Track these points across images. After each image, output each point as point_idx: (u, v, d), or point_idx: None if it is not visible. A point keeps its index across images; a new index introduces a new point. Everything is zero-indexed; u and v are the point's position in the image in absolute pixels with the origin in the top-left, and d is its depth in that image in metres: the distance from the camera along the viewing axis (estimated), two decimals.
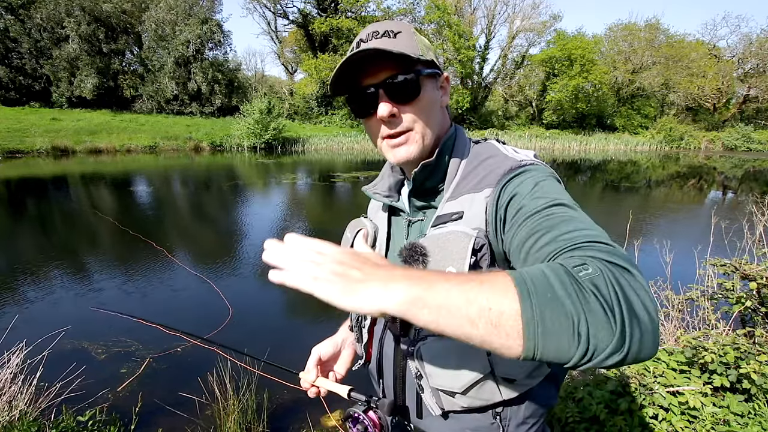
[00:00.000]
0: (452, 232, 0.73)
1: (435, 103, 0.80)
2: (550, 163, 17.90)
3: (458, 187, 0.79)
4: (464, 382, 0.76)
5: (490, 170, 0.76)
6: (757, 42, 35.96)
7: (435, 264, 0.72)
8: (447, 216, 0.77)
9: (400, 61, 0.73)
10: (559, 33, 35.88)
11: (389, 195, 0.92)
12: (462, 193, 0.78)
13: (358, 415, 0.79)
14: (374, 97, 0.76)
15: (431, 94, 0.79)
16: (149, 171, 16.84)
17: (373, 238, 0.94)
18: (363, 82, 0.77)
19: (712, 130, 34.23)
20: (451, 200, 0.79)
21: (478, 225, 0.73)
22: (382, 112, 0.75)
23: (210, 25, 30.30)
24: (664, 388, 1.97)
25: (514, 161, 0.76)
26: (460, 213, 0.75)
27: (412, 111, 0.77)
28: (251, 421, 2.62)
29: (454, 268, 0.69)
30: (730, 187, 14.54)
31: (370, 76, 0.76)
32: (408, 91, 0.75)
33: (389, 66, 0.74)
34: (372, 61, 0.74)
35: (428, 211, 0.85)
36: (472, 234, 0.71)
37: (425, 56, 0.76)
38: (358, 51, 0.72)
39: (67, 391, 2.62)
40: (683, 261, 3.65)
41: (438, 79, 0.82)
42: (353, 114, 0.82)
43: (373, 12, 33.06)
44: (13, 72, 27.74)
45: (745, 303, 2.68)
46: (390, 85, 0.75)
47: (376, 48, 0.71)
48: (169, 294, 4.94)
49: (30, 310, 4.43)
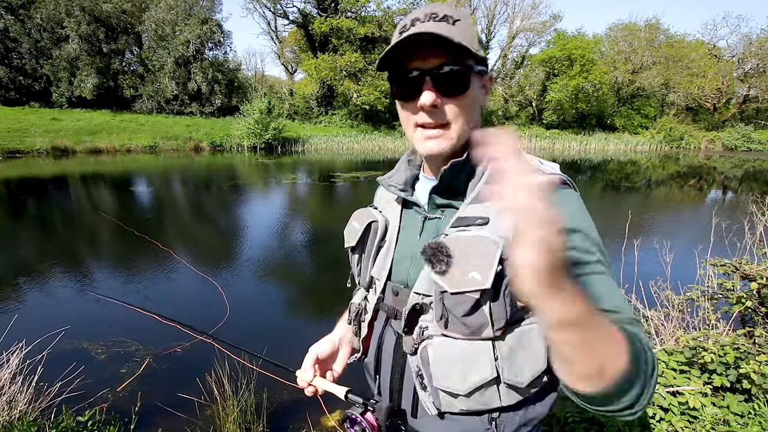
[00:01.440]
0: (479, 237, 0.71)
1: (477, 102, 0.78)
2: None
3: (483, 191, 0.78)
4: (469, 384, 0.75)
5: None
6: (757, 42, 35.95)
7: (457, 266, 0.71)
8: (470, 219, 0.75)
9: (455, 51, 0.69)
10: (559, 33, 35.90)
11: (404, 189, 0.90)
12: (488, 198, 0.74)
13: (356, 417, 0.79)
14: (419, 82, 0.72)
15: (476, 92, 0.76)
16: (149, 171, 16.84)
17: (383, 230, 0.93)
18: (410, 65, 0.73)
19: (712, 130, 34.23)
20: (475, 203, 0.77)
21: (505, 234, 0.71)
22: (425, 100, 0.72)
23: (210, 25, 30.29)
24: (663, 388, 1.97)
25: (543, 175, 0.75)
26: (486, 219, 0.73)
27: (454, 105, 0.74)
28: (251, 421, 2.62)
29: (479, 274, 0.69)
30: (730, 187, 14.54)
31: (419, 59, 0.72)
32: (456, 85, 0.72)
33: (442, 54, 0.70)
34: (425, 44, 0.69)
35: (447, 210, 0.83)
36: (499, 242, 0.69)
37: (479, 52, 0.73)
38: (415, 33, 0.67)
39: (66, 391, 2.62)
40: (683, 261, 3.65)
41: (484, 77, 0.79)
42: (393, 95, 0.79)
43: (373, 12, 33.07)
44: (13, 72, 27.73)
45: (745, 303, 2.68)
46: (439, 75, 0.71)
47: (436, 33, 0.67)
48: (169, 292, 4.95)
49: (30, 309, 4.42)
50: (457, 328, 0.74)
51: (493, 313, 0.71)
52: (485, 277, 0.68)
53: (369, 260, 0.94)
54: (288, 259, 6.41)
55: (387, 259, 0.90)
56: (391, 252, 0.90)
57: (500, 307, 0.71)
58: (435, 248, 0.72)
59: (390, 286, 0.89)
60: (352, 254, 0.99)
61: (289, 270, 5.92)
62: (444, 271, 0.71)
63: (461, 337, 0.75)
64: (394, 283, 0.88)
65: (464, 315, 0.72)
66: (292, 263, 6.29)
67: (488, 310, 0.71)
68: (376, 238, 0.93)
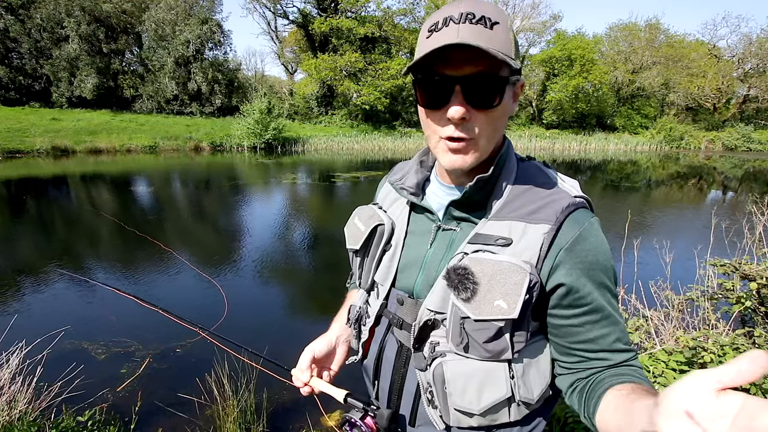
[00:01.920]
0: (505, 263, 0.68)
1: (507, 114, 0.72)
2: (551, 163, 17.89)
3: (504, 208, 0.74)
4: (484, 404, 0.74)
5: (546, 202, 0.73)
6: (757, 42, 35.94)
7: (483, 293, 0.68)
8: (490, 237, 0.72)
9: (492, 59, 0.64)
10: (559, 33, 35.89)
11: (416, 192, 0.85)
12: (509, 218, 0.73)
13: (355, 420, 0.79)
14: (449, 90, 0.66)
15: (508, 104, 0.71)
16: (150, 171, 16.83)
17: (389, 233, 0.88)
18: (440, 69, 0.66)
19: (712, 130, 34.21)
20: (496, 220, 0.74)
21: (530, 259, 0.69)
22: (454, 113, 0.66)
23: (210, 25, 30.27)
24: (663, 389, 1.96)
25: (568, 196, 0.73)
26: (508, 240, 0.70)
27: (484, 119, 0.69)
28: (251, 421, 2.62)
29: (505, 303, 0.67)
30: (730, 187, 14.53)
31: (451, 65, 0.66)
32: (489, 98, 0.67)
33: (477, 61, 0.64)
34: (459, 47, 0.63)
35: (464, 223, 0.79)
36: (527, 269, 0.67)
37: (516, 61, 0.67)
38: (449, 44, 0.62)
39: (66, 391, 2.62)
40: (683, 261, 3.65)
41: (516, 85, 0.72)
42: (417, 100, 0.72)
43: (374, 12, 33.06)
44: (13, 72, 27.72)
45: (744, 303, 2.68)
46: (472, 86, 0.66)
47: (474, 45, 0.61)
48: (168, 290, 4.94)
49: (30, 309, 4.42)
50: (477, 353, 0.72)
51: (515, 339, 0.70)
52: (512, 307, 0.66)
53: (372, 263, 0.90)
54: (288, 259, 6.41)
55: (392, 264, 0.86)
56: (397, 257, 0.86)
57: (523, 334, 0.70)
58: (462, 275, 0.69)
59: (394, 294, 0.86)
60: (354, 256, 0.95)
61: (288, 269, 5.91)
62: (469, 299, 0.69)
63: (478, 359, 0.73)
64: (398, 290, 0.86)
65: (485, 342, 0.70)
66: (292, 263, 6.29)
67: (510, 336, 0.70)
68: (382, 241, 0.88)
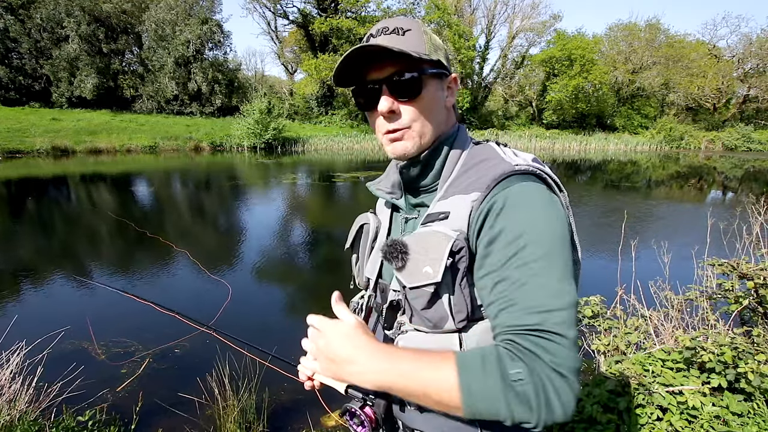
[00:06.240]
0: (434, 232, 0.75)
1: (437, 103, 0.81)
2: (551, 163, 17.87)
3: (450, 186, 0.81)
4: None
5: (483, 173, 0.76)
6: (757, 42, 35.95)
7: (414, 261, 0.74)
8: (435, 215, 0.78)
9: (404, 59, 0.75)
10: (559, 33, 35.88)
11: (392, 192, 0.93)
12: (453, 193, 0.79)
13: (355, 410, 0.81)
14: (377, 91, 0.78)
15: (434, 93, 0.80)
16: (150, 171, 16.84)
17: (374, 233, 0.98)
18: (368, 77, 0.79)
19: (712, 130, 34.21)
20: (442, 199, 0.80)
21: (460, 227, 0.73)
22: (382, 107, 0.77)
23: (210, 25, 30.29)
24: (663, 388, 1.97)
25: (508, 165, 0.75)
26: (447, 213, 0.76)
27: (412, 109, 0.78)
28: (251, 420, 2.62)
29: (431, 269, 0.71)
30: (730, 187, 14.54)
31: (375, 71, 0.78)
32: (409, 89, 0.77)
33: (394, 63, 0.76)
34: (379, 56, 0.76)
35: (422, 209, 0.87)
36: (451, 236, 0.72)
37: (432, 56, 0.78)
38: (360, 47, 0.74)
39: (67, 391, 2.62)
40: (682, 261, 3.65)
41: (444, 79, 0.83)
42: (358, 107, 0.85)
43: (373, 12, 33.08)
44: (13, 72, 27.73)
45: (743, 303, 2.68)
46: (393, 82, 0.77)
47: (379, 45, 0.73)
48: (168, 288, 4.95)
49: (30, 309, 4.43)
50: (420, 322, 0.78)
51: (453, 306, 0.73)
52: (436, 271, 0.71)
53: (363, 261, 0.99)
54: (288, 259, 6.41)
55: (377, 259, 0.94)
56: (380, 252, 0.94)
57: (460, 300, 0.73)
58: (390, 245, 0.77)
59: (379, 285, 0.94)
60: (352, 256, 1.05)
61: (288, 269, 5.92)
62: (401, 267, 0.76)
63: (428, 331, 0.78)
64: (381, 282, 0.93)
65: (422, 309, 0.75)
66: (292, 263, 6.29)
67: (447, 303, 0.73)
68: (368, 239, 0.98)
